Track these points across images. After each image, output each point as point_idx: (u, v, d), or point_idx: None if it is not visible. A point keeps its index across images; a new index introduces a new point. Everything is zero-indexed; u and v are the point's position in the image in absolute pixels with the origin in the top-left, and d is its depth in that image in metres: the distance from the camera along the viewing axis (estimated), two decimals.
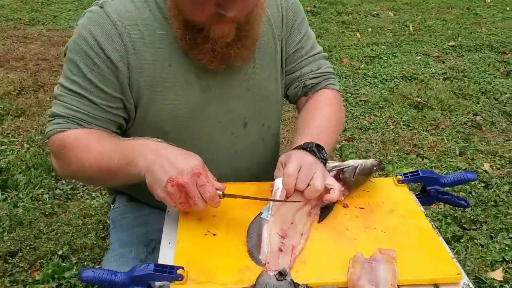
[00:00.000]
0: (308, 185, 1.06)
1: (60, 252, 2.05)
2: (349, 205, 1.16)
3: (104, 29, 1.11)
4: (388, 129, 3.20)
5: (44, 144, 2.77)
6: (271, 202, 1.09)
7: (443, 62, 4.34)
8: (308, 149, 1.12)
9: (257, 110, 1.29)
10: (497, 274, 1.94)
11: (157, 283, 0.95)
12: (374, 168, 1.18)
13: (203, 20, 1.06)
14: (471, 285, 0.96)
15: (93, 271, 0.94)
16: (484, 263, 2.01)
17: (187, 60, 1.16)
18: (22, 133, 2.95)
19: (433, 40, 4.92)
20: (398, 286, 0.94)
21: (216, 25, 1.07)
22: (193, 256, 1.01)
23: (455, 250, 2.08)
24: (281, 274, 0.93)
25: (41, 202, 2.37)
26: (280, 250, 0.99)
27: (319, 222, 1.10)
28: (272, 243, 1.01)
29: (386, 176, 1.88)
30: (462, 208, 2.33)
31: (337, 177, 1.16)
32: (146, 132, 1.20)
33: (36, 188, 2.46)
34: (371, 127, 3.23)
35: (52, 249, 2.07)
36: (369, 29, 5.26)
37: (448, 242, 2.13)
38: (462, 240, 2.14)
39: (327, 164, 1.15)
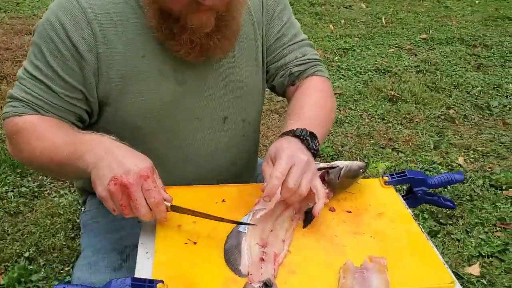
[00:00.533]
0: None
1: (26, 254, 1.95)
2: (336, 208, 1.12)
3: (73, 15, 1.03)
4: (363, 123, 3.18)
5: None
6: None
7: (416, 55, 4.36)
8: (301, 137, 1.05)
9: (237, 104, 1.22)
10: (474, 269, 1.94)
11: None
12: (361, 170, 1.13)
13: (179, 8, 0.99)
14: None
15: (64, 287, 0.86)
16: (461, 258, 2.01)
17: (162, 51, 1.09)
18: None
19: (405, 32, 4.94)
20: None
21: (193, 14, 1.00)
22: (173, 267, 0.94)
23: None
24: (266, 285, 0.87)
25: (5, 200, 2.25)
26: (262, 259, 0.94)
27: (304, 227, 1.05)
28: (252, 253, 0.95)
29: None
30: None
31: (322, 179, 1.11)
32: (117, 127, 1.13)
33: None
34: (347, 121, 3.20)
35: (18, 251, 1.96)
36: (342, 21, 5.24)
37: None
38: (439, 236, 2.13)
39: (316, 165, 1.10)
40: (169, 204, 0.96)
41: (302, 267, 0.95)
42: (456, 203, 2.35)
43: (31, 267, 1.90)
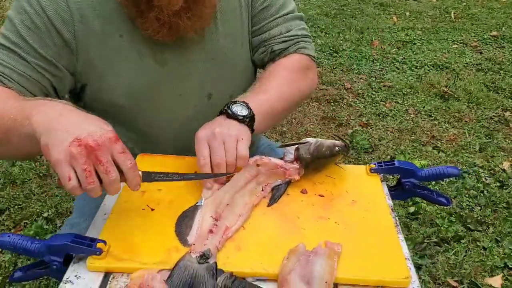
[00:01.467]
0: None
1: (45, 214, 2.04)
2: (309, 191, 1.06)
3: None
4: (408, 118, 3.03)
5: None
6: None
7: (481, 53, 4.08)
8: (223, 111, 1.03)
9: (222, 80, 1.19)
10: (496, 281, 1.79)
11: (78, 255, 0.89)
12: (336, 148, 1.06)
13: None
14: None
15: (8, 235, 0.88)
16: (483, 268, 1.87)
17: (138, 30, 1.05)
18: None
19: (474, 29, 4.64)
20: (336, 284, 0.85)
21: None
22: (122, 230, 0.94)
23: (453, 251, 1.93)
24: (203, 257, 0.84)
25: (38, 163, 2.36)
26: (211, 231, 0.91)
27: (268, 205, 1.01)
28: (203, 225, 0.92)
29: None
30: (461, 208, 2.18)
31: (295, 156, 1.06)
32: (100, 106, 1.12)
33: None
34: (390, 114, 3.07)
35: (38, 210, 2.06)
36: (407, 13, 5.01)
37: (447, 242, 1.99)
38: (463, 241, 1.99)
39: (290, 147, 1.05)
40: (140, 173, 0.86)
41: (250, 244, 0.91)
42: (490, 209, 2.19)
43: (47, 227, 1.98)
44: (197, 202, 0.99)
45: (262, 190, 1.03)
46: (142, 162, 1.14)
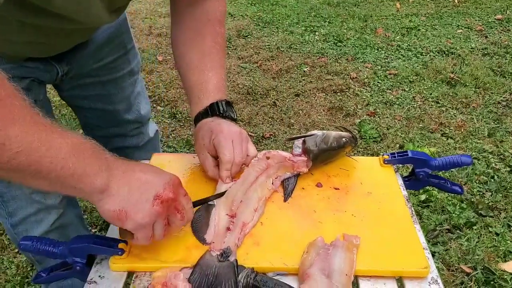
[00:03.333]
0: None
1: None
2: (324, 184, 1.07)
3: None
4: (415, 105, 3.03)
5: None
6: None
7: (486, 37, 4.05)
8: (228, 117, 1.04)
9: None
10: (510, 266, 1.80)
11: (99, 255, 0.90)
12: (343, 140, 1.07)
13: None
14: (439, 280, 0.86)
15: (31, 239, 0.89)
16: (496, 253, 1.87)
17: None
18: None
19: (478, 12, 4.60)
20: (356, 276, 0.86)
21: None
22: None
23: (466, 237, 1.94)
24: (223, 255, 0.85)
25: None
26: (228, 229, 0.92)
27: (285, 200, 1.02)
28: (220, 223, 0.93)
29: None
30: (472, 194, 2.18)
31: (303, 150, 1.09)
32: None
33: None
34: (397, 102, 3.06)
35: None
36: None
37: (459, 228, 2.00)
38: (475, 227, 1.99)
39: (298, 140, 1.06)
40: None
41: (268, 239, 0.92)
42: (501, 195, 2.19)
43: None
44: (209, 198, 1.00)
45: (272, 183, 1.04)
46: (156, 160, 1.16)
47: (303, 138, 1.08)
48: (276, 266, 0.86)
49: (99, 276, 0.87)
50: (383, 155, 1.14)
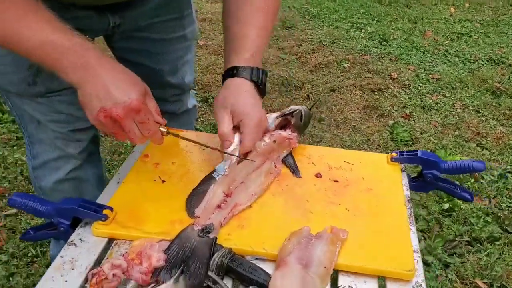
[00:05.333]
0: None
1: None
2: (323, 175, 1.04)
3: None
4: (454, 112, 2.91)
5: None
6: (227, 159, 0.99)
7: None
8: (258, 82, 1.00)
9: None
10: None
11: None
12: (310, 112, 1.18)
13: None
14: (424, 285, 0.81)
15: (21, 196, 0.90)
16: None
17: None
18: None
19: None
20: (336, 270, 0.82)
21: None
22: (131, 199, 0.95)
23: (485, 252, 1.85)
24: (204, 230, 0.84)
25: None
26: (219, 206, 0.90)
27: (298, 176, 1.04)
28: (213, 199, 0.92)
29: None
30: (500, 209, 2.08)
31: (283, 125, 1.10)
32: None
33: None
34: (436, 107, 2.95)
35: None
36: (467, 4, 4.79)
37: (480, 242, 1.91)
38: (498, 243, 1.89)
39: (269, 116, 1.06)
40: (165, 130, 0.92)
41: (254, 223, 0.90)
42: None
43: None
44: (214, 171, 0.99)
45: (276, 167, 1.02)
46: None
47: (289, 115, 1.09)
48: (255, 250, 0.84)
49: (80, 239, 0.87)
50: (392, 152, 1.10)
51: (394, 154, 1.09)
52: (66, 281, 0.79)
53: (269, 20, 1.08)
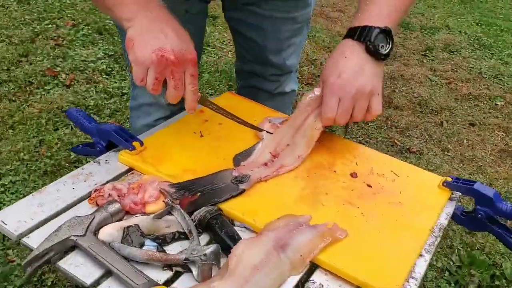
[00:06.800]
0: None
1: None
2: (359, 176, 0.98)
3: None
4: None
5: None
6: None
7: None
8: (367, 42, 0.92)
9: None
10: None
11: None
12: None
13: None
14: None
15: (77, 111, 1.02)
16: None
17: None
18: None
19: None
20: (316, 265, 0.78)
21: None
22: (163, 141, 1.01)
23: None
24: (238, 178, 0.89)
25: None
26: (265, 164, 0.94)
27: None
28: (260, 157, 0.96)
29: None
30: None
31: None
32: None
33: None
34: None
35: None
36: None
37: None
38: None
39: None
40: (200, 95, 0.95)
41: (258, 196, 0.89)
42: None
43: None
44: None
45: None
46: (225, 99, 1.19)
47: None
48: (245, 218, 0.83)
49: (106, 160, 0.95)
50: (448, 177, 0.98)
51: (449, 179, 0.97)
52: (73, 188, 0.87)
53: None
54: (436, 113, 2.89)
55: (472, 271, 1.77)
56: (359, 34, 0.93)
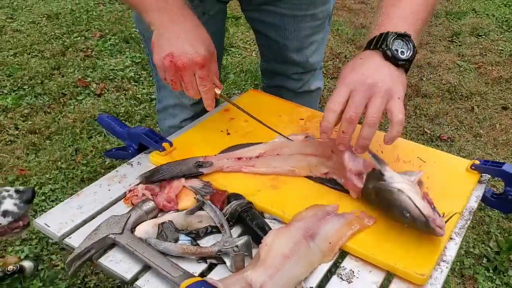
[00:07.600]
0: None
1: None
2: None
3: None
4: None
5: None
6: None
7: None
8: (381, 49, 0.85)
9: None
10: None
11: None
12: (407, 214, 0.79)
13: None
14: None
15: (108, 117, 1.06)
16: None
17: None
18: None
19: None
20: (346, 252, 0.79)
21: None
22: (192, 141, 1.04)
23: None
24: (199, 163, 0.94)
25: None
26: (239, 159, 0.98)
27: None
28: (249, 152, 0.99)
29: None
30: None
31: None
32: None
33: None
34: None
35: None
36: None
37: None
38: None
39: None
40: (218, 92, 0.97)
41: (287, 188, 0.92)
42: None
43: None
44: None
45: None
46: (249, 97, 1.22)
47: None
48: (274, 210, 0.85)
49: (138, 162, 0.99)
50: (475, 159, 0.98)
51: (476, 162, 0.97)
52: (109, 190, 0.91)
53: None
54: (466, 99, 2.84)
55: (511, 256, 1.75)
56: (375, 42, 0.87)
